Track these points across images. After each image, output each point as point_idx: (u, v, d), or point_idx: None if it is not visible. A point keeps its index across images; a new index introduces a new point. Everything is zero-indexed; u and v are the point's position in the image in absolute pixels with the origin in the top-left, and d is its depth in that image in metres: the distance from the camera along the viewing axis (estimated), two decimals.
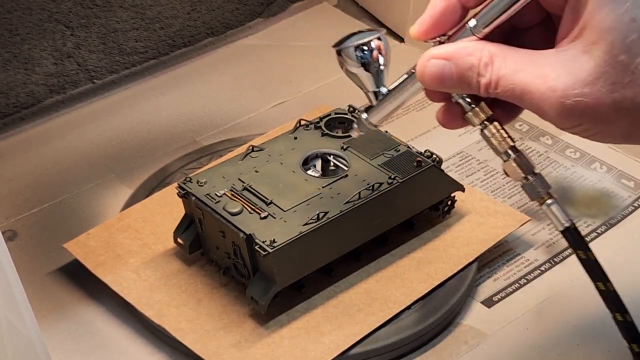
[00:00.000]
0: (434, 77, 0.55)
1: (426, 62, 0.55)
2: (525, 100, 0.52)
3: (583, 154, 0.86)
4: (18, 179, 0.86)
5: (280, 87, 0.97)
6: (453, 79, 0.54)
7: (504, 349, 0.69)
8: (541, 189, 0.56)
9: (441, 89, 0.56)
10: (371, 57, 0.59)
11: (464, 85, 0.54)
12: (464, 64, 0.54)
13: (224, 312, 0.69)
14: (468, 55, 0.54)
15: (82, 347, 0.70)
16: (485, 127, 0.57)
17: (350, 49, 0.59)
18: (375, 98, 0.61)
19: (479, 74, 0.53)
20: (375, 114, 0.61)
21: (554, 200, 0.56)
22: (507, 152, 0.56)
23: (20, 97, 0.92)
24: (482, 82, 0.53)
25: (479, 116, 0.57)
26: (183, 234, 0.72)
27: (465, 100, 0.57)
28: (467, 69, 0.54)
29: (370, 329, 0.68)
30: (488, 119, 0.57)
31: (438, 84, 0.55)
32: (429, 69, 0.55)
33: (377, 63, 0.60)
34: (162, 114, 0.94)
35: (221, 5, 1.03)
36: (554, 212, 0.57)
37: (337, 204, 0.69)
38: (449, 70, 0.54)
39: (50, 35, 0.92)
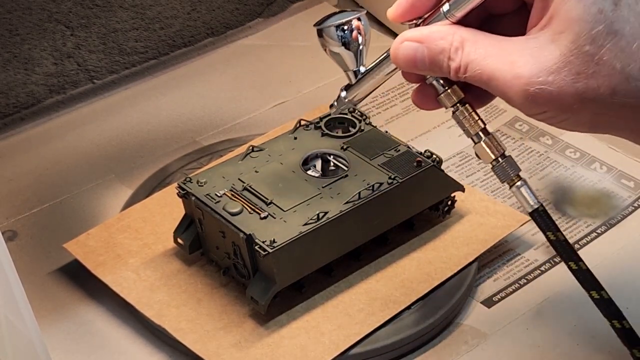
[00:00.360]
0: (407, 59, 0.56)
1: (399, 45, 0.56)
2: (491, 86, 0.53)
3: (583, 154, 0.86)
4: (18, 179, 0.86)
5: (280, 87, 0.97)
6: (425, 62, 0.56)
7: (504, 349, 0.69)
8: (511, 171, 0.58)
9: (414, 71, 0.57)
10: (351, 37, 0.61)
11: (436, 68, 0.55)
12: (435, 48, 0.55)
13: (224, 312, 0.69)
14: (440, 39, 0.55)
15: (82, 347, 0.70)
16: (457, 110, 0.58)
17: (332, 29, 0.61)
18: (355, 77, 0.63)
19: (450, 57, 0.54)
20: (354, 92, 0.63)
21: (523, 182, 0.58)
22: (478, 134, 0.58)
23: (20, 97, 0.92)
24: (452, 66, 0.54)
25: (451, 99, 0.58)
26: (183, 234, 0.72)
27: (439, 82, 0.58)
28: (439, 53, 0.55)
29: (370, 329, 0.68)
30: (460, 101, 0.58)
31: (411, 66, 0.56)
32: (402, 51, 0.56)
33: (357, 42, 0.62)
34: (162, 114, 0.94)
35: (221, 5, 1.03)
36: (523, 194, 0.58)
37: (337, 204, 0.69)
38: (422, 53, 0.55)
39: (50, 35, 0.92)
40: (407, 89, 0.96)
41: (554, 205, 0.82)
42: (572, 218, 0.80)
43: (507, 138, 0.89)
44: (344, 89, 0.64)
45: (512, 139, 0.89)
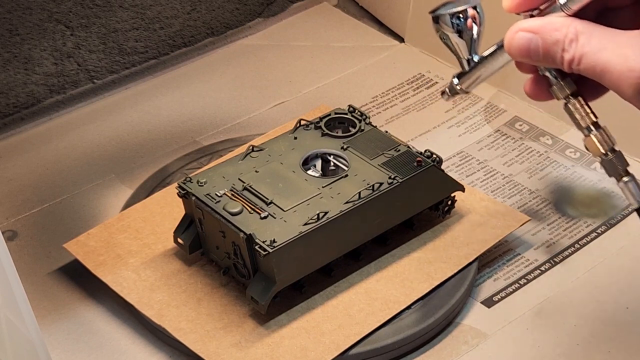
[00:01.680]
0: (521, 49, 0.56)
1: (514, 34, 0.57)
2: (604, 79, 0.54)
3: (583, 154, 0.86)
4: (18, 179, 0.86)
5: (280, 87, 0.97)
6: (539, 53, 0.56)
7: (504, 349, 0.69)
8: (620, 166, 0.58)
9: (527, 61, 0.58)
10: (465, 25, 0.62)
11: (549, 59, 0.56)
12: (550, 39, 0.55)
13: (224, 312, 0.69)
14: (554, 31, 0.55)
15: (82, 347, 0.70)
16: (569, 102, 0.58)
17: (447, 16, 0.62)
18: (468, 65, 0.64)
19: (564, 49, 0.55)
20: (466, 80, 0.64)
21: (631, 177, 0.58)
22: (589, 127, 0.58)
23: (20, 97, 0.92)
24: (565, 58, 0.55)
25: (564, 90, 0.58)
26: (183, 234, 0.72)
27: (552, 73, 0.59)
28: (553, 44, 0.55)
29: (370, 329, 0.68)
30: (572, 93, 0.58)
31: (524, 56, 0.57)
32: (516, 41, 0.57)
33: (471, 31, 0.62)
34: (162, 114, 0.94)
35: (221, 5, 1.03)
36: (630, 189, 0.58)
37: (337, 204, 0.69)
38: (536, 43, 0.56)
39: (50, 35, 0.92)
40: (407, 89, 0.96)
41: (554, 205, 0.82)
42: (572, 218, 0.80)
43: (507, 138, 0.89)
44: (456, 76, 0.65)
45: (512, 139, 0.89)
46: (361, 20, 1.07)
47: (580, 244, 0.78)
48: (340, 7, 1.09)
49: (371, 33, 1.05)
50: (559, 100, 0.60)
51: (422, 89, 0.96)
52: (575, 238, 0.79)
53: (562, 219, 0.80)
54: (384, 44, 1.03)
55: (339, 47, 1.02)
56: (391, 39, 1.03)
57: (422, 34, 1.01)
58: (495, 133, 0.90)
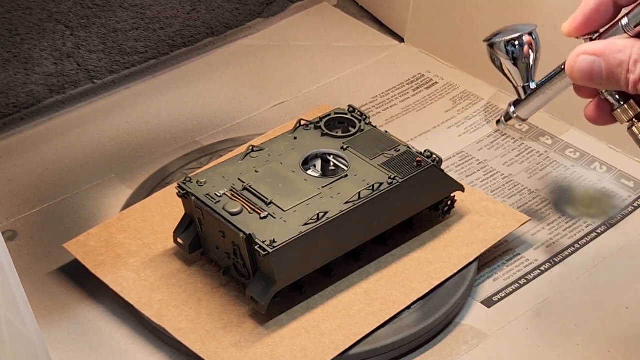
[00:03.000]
0: (583, 72, 0.56)
1: (576, 58, 0.56)
2: None
3: (583, 154, 0.86)
4: (18, 179, 0.86)
5: (280, 87, 0.97)
6: (602, 75, 0.55)
7: (504, 349, 0.69)
8: None
9: (589, 85, 0.57)
10: (521, 52, 0.61)
11: (613, 81, 0.55)
12: (613, 61, 0.55)
13: (224, 312, 0.69)
14: (618, 52, 0.55)
15: (82, 347, 0.70)
16: (633, 125, 0.58)
17: (502, 43, 0.61)
18: (524, 92, 0.63)
19: (629, 70, 0.54)
20: (523, 108, 0.64)
21: None
22: None
23: (20, 97, 0.92)
24: (630, 79, 0.54)
25: (628, 113, 0.58)
26: (183, 234, 0.72)
27: (614, 96, 0.58)
28: (617, 66, 0.55)
29: (370, 329, 0.68)
30: (637, 116, 0.58)
31: (587, 79, 0.56)
32: (578, 64, 0.56)
33: (527, 58, 0.62)
34: (162, 114, 0.94)
35: (221, 5, 1.03)
36: None
37: (337, 204, 0.69)
38: (599, 66, 0.55)
39: (50, 35, 0.92)
40: (407, 89, 0.96)
41: (554, 205, 0.82)
42: (572, 218, 0.80)
43: (507, 138, 0.89)
44: (512, 104, 0.64)
45: (512, 139, 0.89)
46: (361, 20, 1.06)
47: (580, 244, 0.78)
48: (340, 7, 1.09)
49: (371, 33, 1.05)
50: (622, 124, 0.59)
51: (422, 89, 0.96)
52: (575, 238, 0.79)
53: (562, 219, 0.80)
54: (384, 44, 1.03)
55: (339, 47, 1.02)
56: (391, 39, 1.03)
57: (422, 34, 1.01)
58: (495, 133, 0.90)
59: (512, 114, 0.64)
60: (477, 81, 0.95)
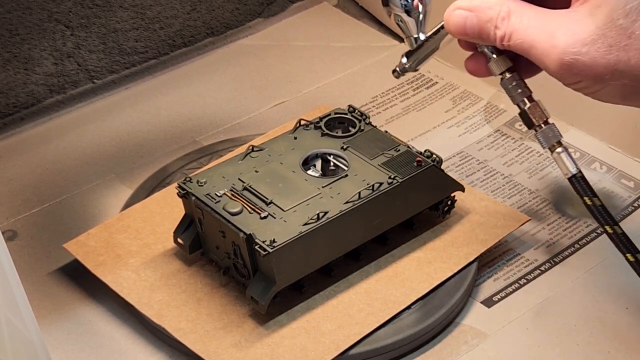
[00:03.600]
0: (458, 26, 0.61)
1: (452, 12, 0.61)
2: (531, 54, 0.58)
3: (583, 154, 0.86)
4: (18, 179, 0.86)
5: (280, 87, 0.97)
6: (474, 29, 0.60)
7: (504, 349, 0.69)
8: (553, 138, 0.63)
9: (465, 39, 0.62)
10: (412, 5, 0.67)
11: (483, 35, 0.60)
12: (484, 16, 0.60)
13: (224, 312, 0.69)
14: (488, 9, 0.59)
15: (82, 347, 0.70)
16: (504, 77, 0.63)
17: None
18: (415, 43, 0.68)
19: (496, 26, 0.59)
20: (415, 59, 0.69)
21: (563, 149, 0.62)
22: (524, 101, 0.62)
23: (20, 97, 0.92)
24: (497, 34, 0.59)
25: (500, 66, 0.63)
26: (183, 234, 0.72)
27: (489, 50, 0.63)
28: (486, 21, 0.59)
29: (370, 329, 0.68)
30: (508, 69, 0.63)
31: (461, 33, 0.61)
32: (453, 18, 0.61)
33: (418, 10, 0.67)
34: (162, 114, 0.94)
35: (221, 5, 1.03)
36: (563, 159, 0.63)
37: (337, 204, 0.69)
38: (471, 21, 0.60)
39: (50, 35, 0.92)
40: (407, 89, 0.96)
41: (554, 205, 0.82)
42: (572, 218, 0.80)
43: (507, 138, 0.89)
44: (405, 55, 0.69)
45: (512, 139, 0.89)
46: (361, 20, 1.06)
47: (580, 244, 0.78)
48: (340, 7, 1.09)
49: (371, 33, 1.05)
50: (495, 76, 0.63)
51: (422, 89, 0.96)
52: (575, 238, 0.79)
53: (562, 219, 0.80)
54: (384, 44, 1.03)
55: (339, 47, 1.02)
56: (391, 39, 1.03)
57: None
58: (495, 133, 0.90)
59: (405, 64, 0.69)
60: (477, 81, 0.95)
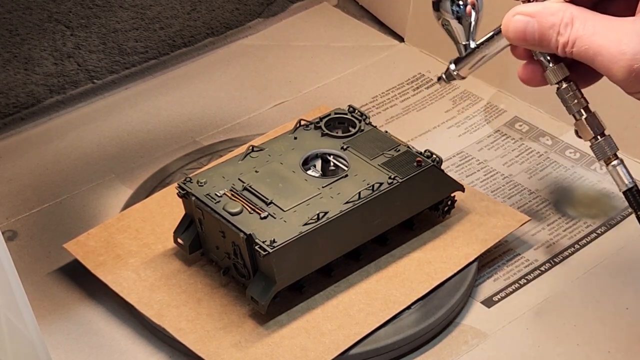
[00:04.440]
0: (517, 32, 0.59)
1: (511, 17, 0.59)
2: (596, 62, 0.56)
3: (583, 155, 0.86)
4: (18, 179, 0.86)
5: (280, 87, 0.97)
6: (535, 36, 0.58)
7: (504, 349, 0.69)
8: (608, 150, 0.61)
9: (523, 45, 0.60)
10: (465, 11, 0.65)
11: (544, 42, 0.58)
12: (546, 22, 0.58)
13: (224, 312, 0.69)
14: (551, 15, 0.58)
15: (82, 347, 0.70)
16: (561, 86, 0.61)
17: (447, 2, 0.65)
18: (465, 50, 0.67)
19: (559, 32, 0.57)
20: (464, 66, 0.67)
21: (619, 161, 0.60)
22: (580, 112, 0.60)
23: (20, 97, 0.92)
24: (560, 41, 0.57)
25: (557, 75, 0.61)
26: (183, 234, 0.72)
27: (546, 58, 0.61)
28: (549, 27, 0.58)
29: (370, 329, 0.68)
30: (565, 78, 0.61)
31: (521, 39, 0.59)
32: (513, 24, 0.59)
33: (470, 17, 0.65)
34: (162, 114, 0.94)
35: (221, 5, 1.03)
36: (618, 173, 0.60)
37: (337, 204, 0.69)
38: (532, 27, 0.58)
39: (50, 35, 0.92)
40: (407, 89, 0.96)
41: (554, 205, 0.82)
42: (572, 218, 0.80)
43: (507, 138, 0.89)
44: (453, 62, 0.67)
45: (512, 139, 0.89)
46: (361, 20, 1.07)
47: (580, 244, 0.78)
48: (340, 7, 1.09)
49: (371, 33, 1.05)
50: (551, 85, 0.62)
51: (422, 89, 0.96)
52: (575, 238, 0.79)
53: (562, 219, 0.80)
54: (384, 44, 1.03)
55: (339, 47, 1.02)
56: (391, 39, 1.03)
57: (422, 34, 1.01)
58: (495, 133, 0.90)
59: (453, 71, 0.68)
60: (477, 81, 0.95)
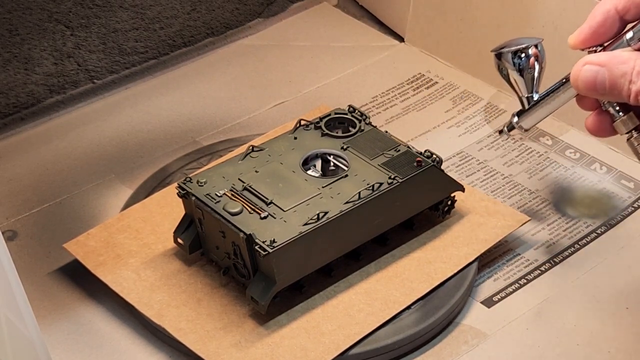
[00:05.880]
0: (588, 82, 0.58)
1: (581, 67, 0.58)
2: None
3: (583, 155, 0.86)
4: (18, 179, 0.86)
5: (280, 87, 0.97)
6: (605, 85, 0.57)
7: (504, 349, 0.69)
8: None
9: (593, 95, 0.59)
10: (527, 63, 0.64)
11: (615, 92, 0.57)
12: (617, 71, 0.57)
13: (224, 312, 0.69)
14: (622, 64, 0.57)
15: (82, 347, 0.70)
16: (632, 136, 0.60)
17: (509, 54, 0.64)
18: (528, 103, 0.65)
19: (631, 81, 0.56)
20: (527, 118, 0.66)
21: None
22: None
23: (20, 97, 0.92)
24: (632, 90, 0.56)
25: (627, 124, 0.60)
26: (183, 234, 0.72)
27: (615, 108, 0.60)
28: (620, 76, 0.57)
29: (370, 329, 0.68)
30: (636, 128, 0.60)
31: (590, 89, 0.58)
32: (583, 74, 0.58)
33: (532, 69, 0.64)
34: (162, 114, 0.94)
35: (221, 5, 1.03)
36: None
37: (337, 204, 0.69)
38: (602, 76, 0.57)
39: (50, 35, 0.92)
40: (407, 89, 0.96)
41: (553, 205, 0.82)
42: (572, 218, 0.80)
43: (507, 138, 0.89)
44: (516, 114, 0.66)
45: (512, 139, 0.89)
46: (361, 20, 1.07)
47: (580, 244, 0.78)
48: (340, 7, 1.09)
49: (371, 33, 1.05)
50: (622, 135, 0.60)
51: (422, 89, 0.96)
52: (575, 238, 0.79)
53: (562, 219, 0.80)
54: (384, 44, 1.03)
55: (339, 47, 1.02)
56: (391, 39, 1.03)
57: (422, 34, 1.01)
58: (495, 133, 0.90)
59: (516, 124, 0.67)
60: (477, 81, 0.95)
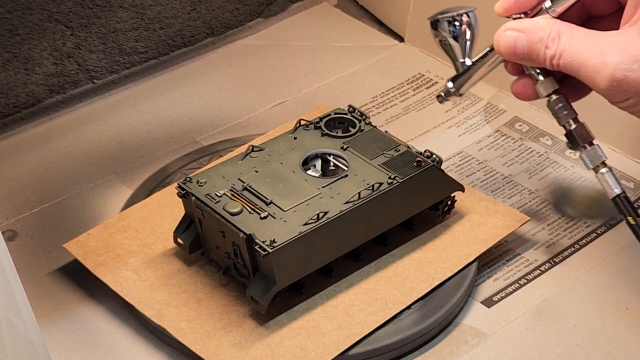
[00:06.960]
0: (508, 46, 0.63)
1: (502, 33, 0.63)
2: (581, 73, 0.60)
3: None
4: (18, 179, 0.86)
5: (280, 87, 0.97)
6: (524, 50, 0.62)
7: (504, 349, 0.69)
8: (597, 159, 0.64)
9: (514, 59, 0.64)
10: (460, 30, 0.68)
11: (533, 55, 0.62)
12: (534, 37, 0.61)
13: (224, 312, 0.69)
14: (539, 30, 0.61)
15: (82, 346, 0.70)
16: (551, 99, 0.64)
17: (445, 21, 0.68)
18: (461, 68, 0.69)
19: (547, 46, 0.61)
20: (460, 83, 0.70)
21: (607, 169, 0.64)
22: (569, 122, 0.64)
23: (20, 97, 0.92)
24: (548, 54, 0.61)
25: (547, 88, 0.64)
26: (183, 234, 0.72)
27: (536, 72, 0.64)
28: (537, 41, 0.61)
29: (370, 329, 0.68)
30: (555, 91, 0.64)
31: (511, 53, 0.63)
32: (504, 39, 0.63)
33: (465, 36, 0.68)
34: (162, 114, 0.94)
35: (221, 5, 1.03)
36: (607, 180, 0.64)
37: (337, 204, 0.69)
38: (522, 41, 0.62)
39: (50, 35, 0.92)
40: (407, 89, 0.96)
41: (553, 205, 0.82)
42: (572, 218, 0.80)
43: (507, 138, 0.89)
44: (450, 80, 0.70)
45: (512, 139, 0.89)
46: (361, 20, 1.07)
47: (580, 245, 0.78)
48: (340, 7, 1.09)
49: (371, 33, 1.05)
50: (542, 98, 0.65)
51: (422, 89, 0.96)
52: (575, 238, 0.79)
53: (562, 219, 0.80)
54: (384, 44, 1.03)
55: (339, 47, 1.03)
56: (391, 39, 1.04)
57: (422, 34, 1.01)
58: (495, 133, 0.90)
59: (451, 89, 0.70)
60: None
